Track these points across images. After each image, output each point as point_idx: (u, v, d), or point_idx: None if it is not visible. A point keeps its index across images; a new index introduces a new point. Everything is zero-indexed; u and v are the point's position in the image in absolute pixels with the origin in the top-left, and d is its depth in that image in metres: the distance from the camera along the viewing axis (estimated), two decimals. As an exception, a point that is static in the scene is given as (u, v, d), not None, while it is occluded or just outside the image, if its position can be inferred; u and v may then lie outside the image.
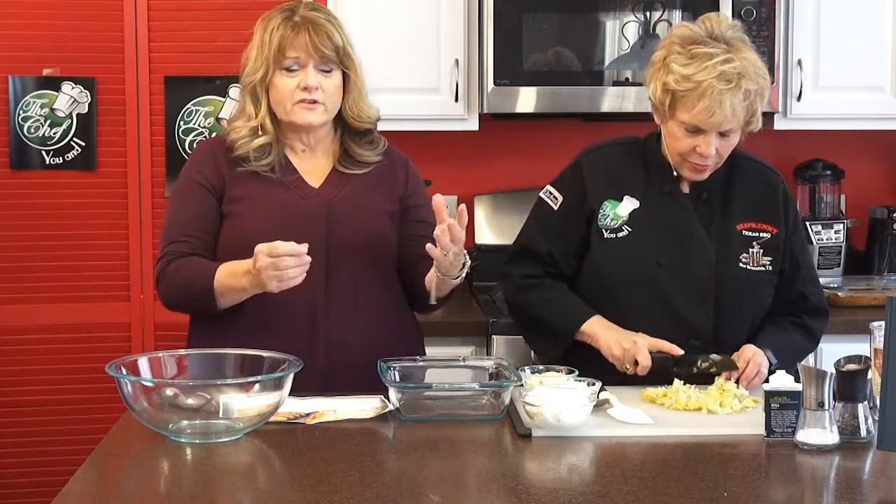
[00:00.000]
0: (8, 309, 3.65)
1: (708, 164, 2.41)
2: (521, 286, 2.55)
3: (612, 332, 2.42)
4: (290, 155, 2.51)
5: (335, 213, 2.45)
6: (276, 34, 2.43)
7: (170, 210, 2.53)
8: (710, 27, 2.38)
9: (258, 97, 2.46)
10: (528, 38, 3.46)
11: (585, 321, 2.45)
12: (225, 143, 2.49)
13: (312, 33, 2.42)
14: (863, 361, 2.03)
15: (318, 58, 2.43)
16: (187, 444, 2.00)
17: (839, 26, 3.57)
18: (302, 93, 2.42)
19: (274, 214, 2.42)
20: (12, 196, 3.65)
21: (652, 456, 1.97)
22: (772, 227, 2.49)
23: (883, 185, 4.02)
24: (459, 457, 1.99)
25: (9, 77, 3.61)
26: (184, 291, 2.42)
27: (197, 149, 2.62)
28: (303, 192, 2.47)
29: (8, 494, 3.65)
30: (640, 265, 2.45)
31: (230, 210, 2.45)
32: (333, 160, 2.52)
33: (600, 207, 2.49)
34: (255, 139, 2.45)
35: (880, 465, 1.91)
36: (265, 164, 2.46)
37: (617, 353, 2.38)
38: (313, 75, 2.43)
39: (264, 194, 2.45)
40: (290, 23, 2.44)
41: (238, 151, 2.46)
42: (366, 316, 2.46)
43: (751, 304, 2.49)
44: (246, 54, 2.49)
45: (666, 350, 2.36)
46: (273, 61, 2.43)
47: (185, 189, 2.50)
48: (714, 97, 2.30)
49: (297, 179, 2.48)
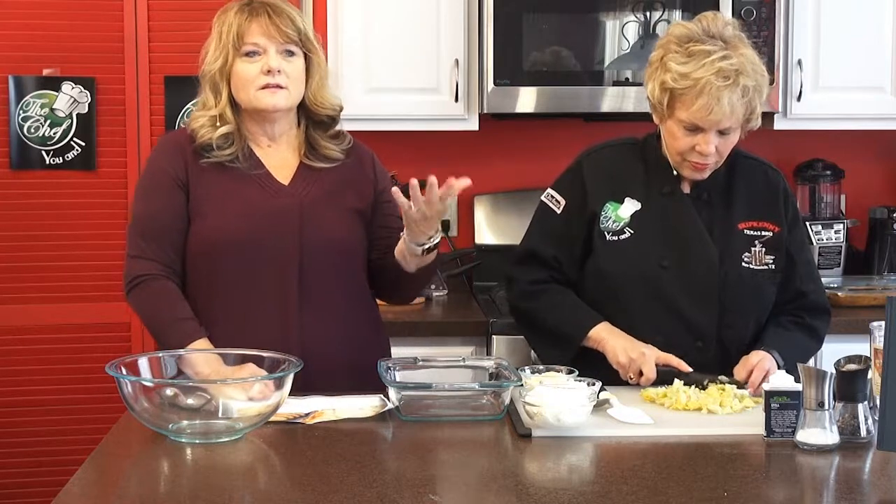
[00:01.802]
0: (8, 309, 3.65)
1: (708, 162, 2.40)
2: (528, 292, 2.54)
3: (621, 339, 2.40)
4: (255, 150, 2.45)
5: (308, 214, 2.41)
6: (234, 21, 2.39)
7: (137, 206, 2.45)
8: (707, 25, 2.37)
9: (218, 87, 2.41)
10: (528, 38, 3.46)
11: (593, 327, 2.44)
12: (187, 135, 2.43)
13: (273, 15, 2.38)
14: (863, 361, 2.03)
15: (281, 39, 2.38)
16: (187, 444, 2.00)
17: (839, 26, 3.57)
18: (265, 77, 2.37)
19: (245, 214, 2.38)
20: (12, 196, 3.64)
21: (652, 456, 1.97)
22: (773, 225, 2.49)
23: (883, 185, 4.02)
24: (459, 457, 1.99)
25: (9, 77, 3.61)
26: (149, 324, 2.40)
27: (161, 141, 2.55)
28: (273, 189, 2.42)
29: (8, 494, 3.65)
30: (643, 267, 2.44)
31: (199, 209, 2.40)
32: (299, 154, 2.48)
33: (602, 210, 2.49)
34: (217, 129, 2.39)
35: (880, 465, 1.91)
36: (229, 153, 2.40)
37: (622, 361, 2.37)
38: (275, 58, 2.37)
39: (234, 191, 2.40)
40: (248, 8, 2.40)
41: (201, 139, 2.40)
42: (339, 317, 2.44)
43: (755, 303, 2.48)
44: (205, 48, 2.44)
45: (674, 365, 2.34)
46: (232, 48, 2.38)
47: (153, 183, 2.43)
48: (712, 94, 2.30)
49: (265, 174, 2.43)
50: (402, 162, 3.85)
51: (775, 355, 2.37)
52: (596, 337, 2.43)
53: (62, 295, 3.66)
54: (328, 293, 2.42)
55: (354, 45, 3.52)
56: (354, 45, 3.52)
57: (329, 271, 2.42)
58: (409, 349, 2.90)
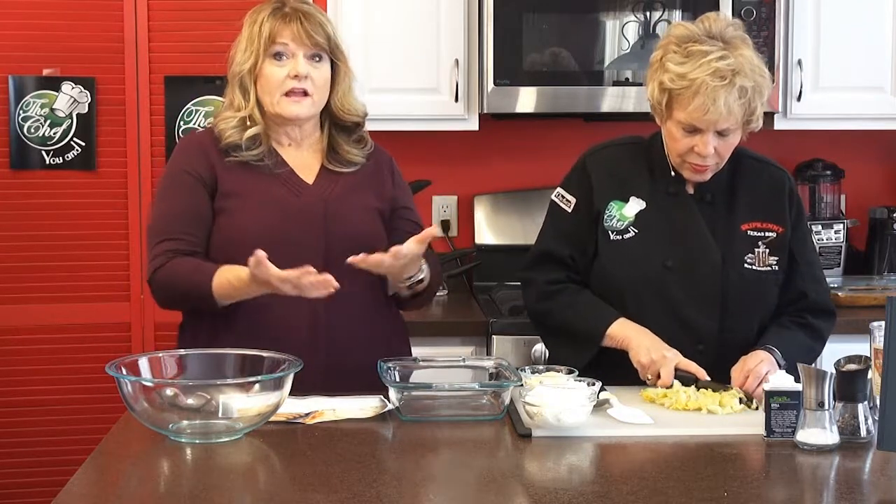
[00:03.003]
0: (8, 309, 3.65)
1: (707, 164, 2.38)
2: (545, 292, 2.50)
3: (646, 338, 2.37)
4: (279, 149, 2.47)
5: (333, 212, 2.43)
6: (265, 24, 2.40)
7: (159, 205, 2.46)
8: (709, 26, 2.36)
9: (247, 88, 2.43)
10: (528, 38, 3.46)
11: (612, 323, 2.41)
12: (213, 135, 2.45)
13: (304, 21, 2.40)
14: (863, 361, 2.03)
15: (310, 45, 2.40)
16: (187, 444, 2.00)
17: (839, 26, 3.57)
18: (291, 81, 2.39)
19: (271, 211, 2.40)
20: (12, 196, 3.65)
21: (652, 456, 1.97)
22: (777, 226, 2.47)
23: (883, 185, 4.02)
24: (459, 457, 1.99)
25: (9, 77, 3.61)
26: (179, 293, 2.38)
27: (183, 142, 2.55)
28: (297, 188, 2.44)
29: (8, 494, 3.65)
30: (646, 268, 2.43)
31: (224, 205, 2.41)
32: (321, 157, 2.49)
33: (606, 208, 2.47)
34: (246, 130, 2.41)
35: (880, 465, 1.91)
36: (255, 153, 2.42)
37: (644, 361, 2.34)
38: (303, 63, 2.40)
39: (259, 188, 2.41)
40: (281, 13, 2.42)
41: (229, 139, 2.41)
42: (364, 316, 2.45)
43: (758, 304, 2.46)
44: (234, 48, 2.46)
45: (693, 372, 2.31)
46: (262, 49, 2.40)
47: (175, 183, 2.44)
48: (708, 94, 2.29)
49: (289, 172, 2.45)
50: (402, 162, 3.81)
51: (776, 354, 2.35)
52: (619, 334, 2.39)
53: (62, 295, 3.66)
54: (353, 292, 2.40)
55: (354, 46, 3.50)
56: (354, 46, 3.50)
57: (354, 270, 2.42)
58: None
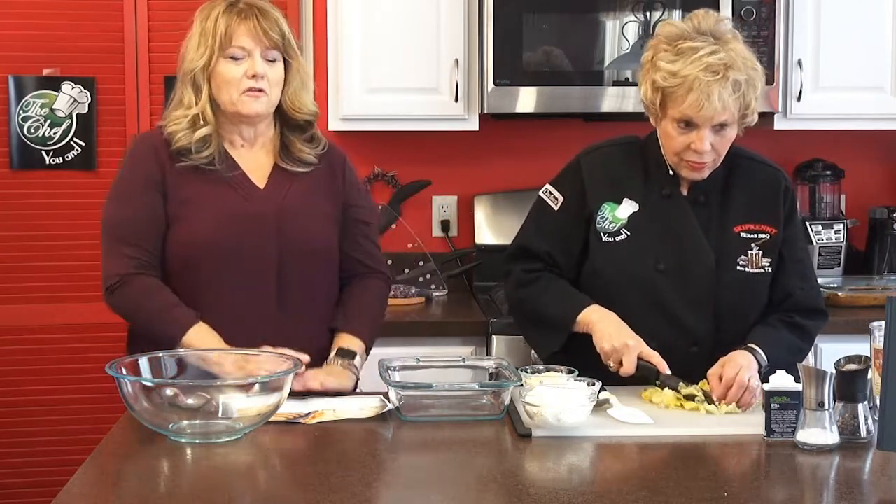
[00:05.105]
0: (8, 309, 3.65)
1: (705, 160, 2.37)
2: (522, 280, 2.51)
3: (611, 324, 2.36)
4: (230, 149, 2.43)
5: (286, 219, 2.39)
6: (220, 20, 2.36)
7: (113, 210, 2.40)
8: (698, 23, 2.35)
9: (199, 86, 2.38)
10: (528, 38, 3.46)
11: (583, 310, 2.41)
12: (163, 136, 2.40)
13: (261, 19, 2.36)
14: (863, 361, 2.03)
15: (267, 44, 2.36)
16: (187, 444, 2.00)
17: (839, 26, 3.57)
18: (249, 81, 2.35)
19: (224, 220, 2.35)
20: (12, 196, 3.65)
21: (652, 456, 1.97)
22: (771, 227, 2.45)
23: (883, 185, 4.02)
24: (459, 457, 1.98)
25: (9, 77, 3.62)
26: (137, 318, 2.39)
27: (135, 143, 2.50)
28: (250, 194, 2.40)
29: (8, 494, 3.65)
30: (638, 270, 2.42)
31: (177, 213, 2.36)
32: (274, 156, 2.46)
33: (599, 210, 2.46)
34: (196, 130, 2.37)
35: (880, 465, 1.91)
36: (205, 156, 2.37)
37: (606, 348, 2.34)
38: (260, 63, 2.36)
39: (211, 196, 2.37)
40: (236, 9, 2.37)
41: (178, 143, 2.37)
42: (318, 323, 2.44)
43: (751, 306, 2.44)
44: (185, 45, 2.41)
45: (654, 364, 2.30)
46: (218, 48, 2.35)
47: (129, 187, 2.40)
48: (702, 90, 2.28)
49: (240, 176, 2.41)
50: (402, 162, 3.86)
51: (758, 353, 2.32)
52: (585, 320, 2.39)
53: (62, 295, 3.67)
54: (307, 299, 2.40)
55: (354, 46, 3.52)
56: (354, 46, 3.52)
57: (307, 276, 2.41)
58: (409, 349, 2.90)
